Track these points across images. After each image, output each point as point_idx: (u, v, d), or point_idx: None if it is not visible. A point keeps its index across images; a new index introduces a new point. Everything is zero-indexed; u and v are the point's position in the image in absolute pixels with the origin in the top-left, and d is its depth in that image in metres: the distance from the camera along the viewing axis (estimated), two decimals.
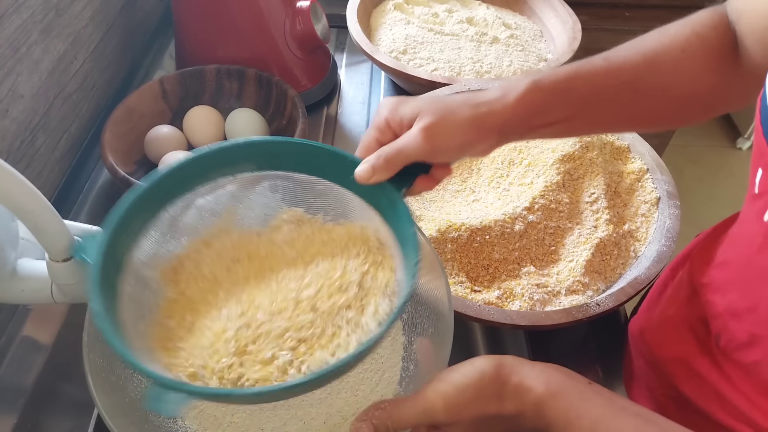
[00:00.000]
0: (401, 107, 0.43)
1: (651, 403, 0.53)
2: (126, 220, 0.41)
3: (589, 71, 0.43)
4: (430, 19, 0.93)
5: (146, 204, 0.42)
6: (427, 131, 0.41)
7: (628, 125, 0.50)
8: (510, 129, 0.43)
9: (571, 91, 0.43)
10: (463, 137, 0.42)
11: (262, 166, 0.45)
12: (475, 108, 0.42)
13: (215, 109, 0.78)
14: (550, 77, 0.43)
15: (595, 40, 1.51)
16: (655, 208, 0.64)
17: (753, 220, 0.38)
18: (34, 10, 0.66)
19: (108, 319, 0.36)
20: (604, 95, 0.43)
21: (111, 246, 0.39)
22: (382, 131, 0.44)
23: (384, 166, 0.42)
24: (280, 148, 0.45)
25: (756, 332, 0.39)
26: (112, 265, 0.40)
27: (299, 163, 0.45)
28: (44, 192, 0.40)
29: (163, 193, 0.43)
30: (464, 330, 0.73)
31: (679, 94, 0.44)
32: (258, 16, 0.80)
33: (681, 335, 0.48)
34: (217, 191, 0.45)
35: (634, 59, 0.43)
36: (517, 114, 0.42)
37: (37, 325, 0.61)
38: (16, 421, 0.54)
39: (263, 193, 0.46)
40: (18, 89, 0.65)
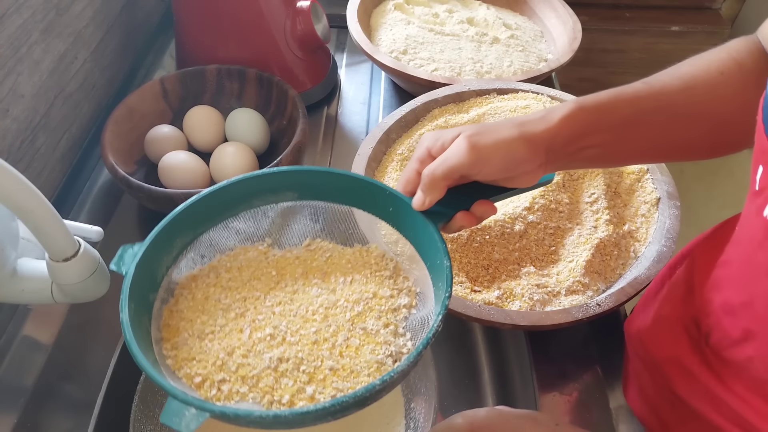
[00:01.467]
0: (443, 134, 0.43)
1: (645, 404, 0.53)
2: (165, 236, 0.42)
3: (631, 94, 0.43)
4: (431, 19, 0.93)
5: (186, 222, 0.43)
6: (471, 139, 0.41)
7: (666, 152, 0.49)
8: (556, 151, 0.42)
9: (613, 113, 0.43)
10: (508, 149, 0.41)
11: (304, 196, 0.45)
12: (519, 126, 0.42)
13: (216, 109, 0.78)
14: (592, 99, 0.43)
15: (595, 41, 1.52)
16: (655, 209, 0.64)
17: (753, 217, 0.38)
18: (35, 10, 0.66)
19: (134, 331, 0.36)
20: (645, 118, 0.43)
21: (148, 259, 0.40)
22: (423, 162, 0.43)
23: (430, 185, 0.41)
24: (322, 179, 0.45)
25: (750, 328, 0.39)
26: (147, 280, 0.41)
27: (340, 194, 0.45)
28: (44, 192, 0.40)
29: (204, 213, 0.44)
30: (464, 330, 0.73)
31: (716, 118, 0.44)
32: (258, 17, 0.80)
33: (675, 334, 0.48)
34: (256, 215, 0.46)
35: (671, 82, 0.43)
36: (562, 133, 0.42)
37: (38, 324, 0.61)
38: (16, 420, 0.54)
39: (302, 221, 0.47)
40: (18, 89, 0.65)
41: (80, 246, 0.44)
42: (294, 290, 0.43)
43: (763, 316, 0.38)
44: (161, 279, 0.42)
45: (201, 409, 0.33)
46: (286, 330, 0.41)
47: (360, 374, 0.38)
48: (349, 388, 0.38)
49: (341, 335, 0.40)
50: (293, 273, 0.44)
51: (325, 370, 0.39)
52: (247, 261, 0.45)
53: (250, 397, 0.38)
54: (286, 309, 0.42)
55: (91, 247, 0.46)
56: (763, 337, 0.38)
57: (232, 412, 0.34)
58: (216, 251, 0.45)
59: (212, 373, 0.39)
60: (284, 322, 0.41)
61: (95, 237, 0.52)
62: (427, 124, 0.73)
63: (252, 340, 0.40)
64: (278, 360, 0.39)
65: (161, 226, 0.42)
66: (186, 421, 0.33)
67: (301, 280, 0.44)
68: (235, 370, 0.39)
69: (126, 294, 0.38)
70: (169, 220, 0.42)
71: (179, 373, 0.39)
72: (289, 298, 0.43)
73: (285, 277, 0.44)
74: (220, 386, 0.38)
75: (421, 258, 0.43)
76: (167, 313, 0.42)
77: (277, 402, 0.37)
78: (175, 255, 0.43)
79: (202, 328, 0.41)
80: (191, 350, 0.40)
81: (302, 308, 0.42)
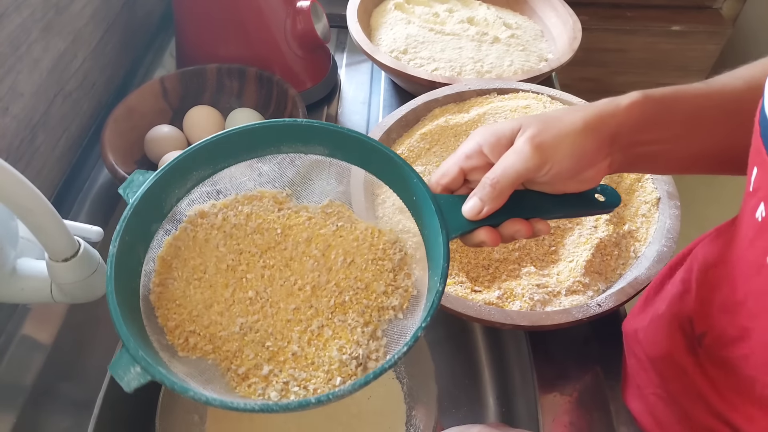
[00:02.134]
0: (497, 128, 0.40)
1: (641, 403, 0.53)
2: (182, 168, 0.40)
3: (692, 92, 0.41)
4: (431, 18, 0.93)
5: (209, 157, 0.41)
6: (534, 140, 0.38)
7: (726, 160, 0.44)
8: (623, 139, 0.40)
9: (676, 108, 0.41)
10: (574, 143, 0.38)
11: (335, 154, 0.43)
12: (584, 111, 0.39)
13: (216, 109, 0.78)
14: (654, 91, 0.41)
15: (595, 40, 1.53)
16: (655, 209, 0.64)
17: (747, 217, 0.38)
18: (35, 9, 0.66)
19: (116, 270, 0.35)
20: (707, 117, 0.41)
21: (158, 189, 0.38)
22: (469, 157, 0.40)
23: (493, 194, 0.38)
24: (358, 145, 0.42)
25: (747, 326, 0.39)
26: (152, 209, 0.39)
27: (371, 164, 0.42)
28: (44, 191, 0.40)
29: (229, 150, 0.41)
30: (464, 330, 0.73)
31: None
32: (259, 16, 0.79)
33: (671, 333, 0.48)
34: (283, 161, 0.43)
35: (733, 83, 0.42)
36: (631, 119, 0.39)
37: (37, 324, 0.61)
38: (16, 420, 0.54)
39: (326, 179, 0.44)
40: (18, 87, 0.64)
41: (80, 246, 0.44)
42: (291, 256, 0.41)
43: (756, 313, 0.38)
44: (168, 210, 0.40)
45: (145, 371, 0.33)
46: (267, 298, 0.40)
47: (319, 368, 0.37)
48: (303, 380, 0.37)
49: (317, 321, 0.39)
50: (297, 236, 0.42)
51: (288, 353, 0.38)
52: (259, 209, 0.43)
53: (211, 357, 0.37)
54: (275, 275, 0.41)
55: (91, 247, 0.46)
56: (757, 334, 0.38)
57: (170, 382, 0.33)
58: (234, 189, 0.43)
59: (185, 322, 0.38)
60: (269, 289, 0.40)
61: (95, 237, 0.52)
62: (427, 123, 0.73)
63: (233, 298, 0.39)
64: (248, 328, 0.38)
65: (180, 158, 0.39)
66: (129, 378, 0.33)
67: (302, 246, 0.42)
68: (207, 326, 0.38)
69: (121, 226, 0.36)
70: (190, 153, 0.40)
71: (158, 311, 0.39)
72: (284, 263, 0.41)
73: (287, 238, 0.42)
74: (188, 337, 0.38)
75: (427, 260, 0.41)
76: (166, 246, 0.40)
77: (233, 371, 0.37)
78: (189, 187, 0.41)
79: (192, 272, 0.40)
80: (175, 292, 0.39)
81: (291, 278, 0.40)
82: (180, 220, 0.41)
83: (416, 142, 0.70)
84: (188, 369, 0.37)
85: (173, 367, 0.36)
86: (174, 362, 0.37)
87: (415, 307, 0.40)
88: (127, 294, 0.37)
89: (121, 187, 0.39)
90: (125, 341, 0.33)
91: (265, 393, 0.37)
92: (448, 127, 0.71)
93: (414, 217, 0.42)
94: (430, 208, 0.39)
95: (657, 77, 1.61)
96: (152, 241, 0.40)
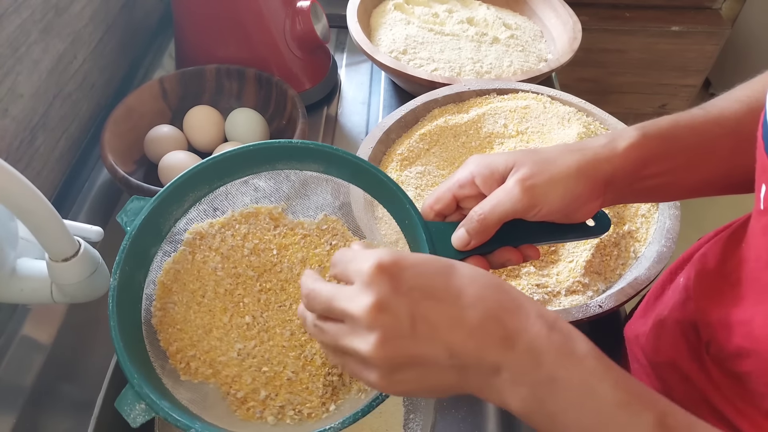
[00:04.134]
0: (491, 160, 0.40)
1: None
2: (178, 192, 0.40)
3: (690, 120, 0.41)
4: (431, 19, 0.93)
5: (204, 178, 0.41)
6: (525, 182, 0.38)
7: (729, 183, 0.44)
8: (618, 182, 0.39)
9: (676, 139, 0.40)
10: (566, 188, 0.38)
11: (330, 172, 0.43)
12: (580, 153, 0.39)
13: (215, 109, 0.78)
14: (652, 125, 0.40)
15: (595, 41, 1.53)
16: (655, 209, 0.64)
17: (759, 236, 0.37)
18: (34, 10, 0.66)
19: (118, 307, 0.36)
20: (709, 144, 0.41)
21: (155, 215, 0.39)
22: (462, 186, 0.41)
23: (478, 229, 0.39)
24: (352, 166, 0.42)
25: (744, 345, 0.39)
26: (151, 234, 0.40)
27: (365, 183, 0.43)
28: (44, 191, 0.40)
29: (225, 170, 0.42)
30: None
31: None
32: (258, 16, 0.80)
33: (674, 339, 0.48)
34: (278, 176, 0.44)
35: (732, 106, 0.41)
36: (628, 163, 0.39)
37: (37, 324, 0.61)
38: (16, 420, 0.54)
39: (322, 194, 0.44)
40: (17, 89, 0.64)
41: (80, 246, 0.44)
42: (286, 278, 0.42)
43: (760, 335, 0.38)
44: (167, 232, 0.41)
45: (151, 407, 0.33)
46: (264, 323, 0.40)
47: (313, 393, 0.38)
48: (298, 404, 0.38)
49: (310, 347, 0.40)
50: (292, 257, 0.43)
51: (283, 378, 0.39)
52: (255, 228, 0.43)
53: (211, 382, 0.38)
54: (271, 299, 0.42)
55: (91, 247, 0.46)
56: (760, 354, 0.38)
57: (173, 420, 0.34)
58: (230, 205, 0.43)
59: (187, 347, 0.39)
60: (265, 314, 0.41)
61: (95, 237, 0.52)
62: (427, 124, 0.73)
63: (231, 323, 0.40)
64: (246, 354, 0.39)
65: (177, 182, 0.40)
66: (135, 414, 0.34)
67: (298, 268, 0.43)
68: (207, 351, 0.39)
69: (121, 257, 0.37)
70: (186, 178, 0.40)
71: (160, 335, 0.39)
72: (279, 287, 0.42)
73: (283, 259, 0.43)
74: (189, 362, 0.39)
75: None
76: (165, 270, 0.41)
77: (233, 395, 0.38)
78: (186, 208, 0.42)
79: (191, 296, 0.41)
80: (176, 316, 0.40)
81: (287, 303, 0.41)
82: (178, 240, 0.42)
83: (416, 143, 0.70)
84: (191, 395, 0.38)
85: (177, 393, 0.37)
86: (178, 388, 0.38)
87: None
88: (130, 324, 0.38)
89: (118, 215, 0.39)
90: (130, 378, 0.34)
91: (263, 416, 0.38)
92: (448, 128, 0.71)
93: (406, 239, 0.43)
94: (422, 236, 0.40)
95: (656, 77, 1.61)
96: (152, 264, 0.40)
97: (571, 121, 0.70)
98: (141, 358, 0.37)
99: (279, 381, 0.39)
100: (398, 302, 0.29)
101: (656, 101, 1.69)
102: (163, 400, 0.34)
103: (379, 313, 0.29)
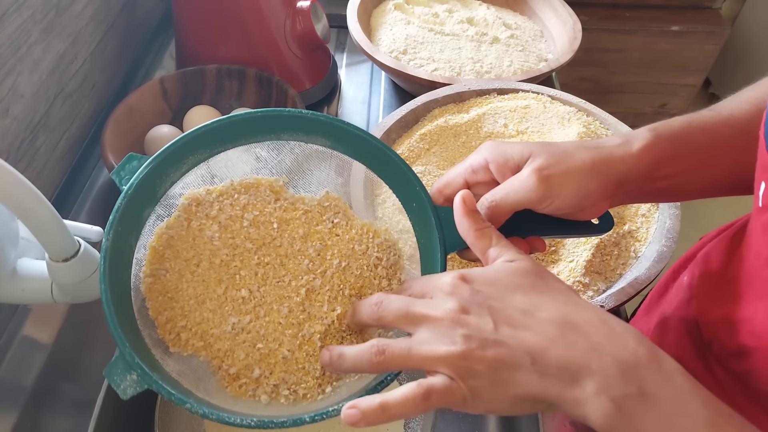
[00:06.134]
0: (507, 148, 0.40)
1: None
2: (177, 153, 0.39)
3: (702, 120, 0.41)
4: (431, 19, 0.93)
5: (205, 142, 0.40)
6: (541, 172, 0.37)
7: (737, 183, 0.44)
8: (631, 183, 0.39)
9: (688, 140, 0.40)
10: (581, 182, 0.38)
11: (337, 147, 0.42)
12: (595, 150, 0.39)
13: (215, 109, 0.78)
14: (665, 126, 0.40)
15: (595, 40, 1.53)
16: (655, 208, 0.64)
17: (759, 234, 0.37)
18: (35, 10, 0.66)
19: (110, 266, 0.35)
20: (720, 145, 0.41)
21: (152, 176, 0.37)
22: (475, 172, 0.40)
23: (489, 216, 0.38)
24: (363, 144, 0.41)
25: (746, 344, 0.39)
26: (146, 195, 0.38)
27: (373, 162, 0.42)
28: (44, 191, 0.40)
29: (227, 136, 0.40)
30: None
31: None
32: (258, 16, 0.80)
33: (678, 338, 0.48)
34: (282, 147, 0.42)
35: (741, 107, 0.41)
36: (642, 164, 0.39)
37: (38, 324, 0.61)
38: (16, 420, 0.54)
39: (326, 170, 0.43)
40: (18, 88, 0.65)
41: (80, 246, 0.44)
42: (286, 254, 0.40)
43: (761, 332, 0.38)
44: (162, 194, 0.39)
45: (143, 379, 0.32)
46: (260, 298, 0.39)
47: (309, 374, 0.37)
48: (293, 383, 0.36)
49: (308, 327, 0.38)
50: (293, 232, 0.41)
51: (279, 355, 0.37)
52: (255, 199, 0.41)
53: (202, 354, 0.37)
54: (270, 273, 0.40)
55: (91, 247, 0.46)
56: (762, 351, 0.38)
57: (167, 393, 0.32)
58: (230, 173, 0.41)
59: (177, 317, 0.37)
60: (262, 288, 0.39)
61: (95, 237, 0.52)
62: (427, 124, 0.73)
63: (225, 296, 0.38)
64: (240, 329, 0.37)
65: (178, 143, 0.38)
66: (125, 386, 0.32)
67: (298, 244, 0.41)
68: (198, 322, 0.37)
69: (115, 216, 0.36)
70: (189, 139, 0.39)
71: (149, 303, 0.38)
72: (279, 262, 0.40)
73: (284, 233, 0.41)
74: (179, 332, 0.37)
75: (421, 266, 0.41)
76: (158, 235, 0.39)
77: (224, 371, 0.37)
78: (185, 171, 0.40)
79: (184, 265, 0.39)
80: (167, 284, 0.38)
81: (286, 278, 0.39)
82: (173, 205, 0.40)
83: (416, 143, 0.70)
84: (180, 367, 0.36)
85: (166, 365, 0.35)
86: (166, 359, 0.36)
87: None
88: (120, 289, 0.36)
89: (113, 171, 0.38)
90: (120, 344, 0.33)
91: (255, 394, 0.36)
92: (448, 128, 0.71)
93: (412, 223, 0.41)
94: (431, 221, 0.39)
95: (656, 77, 1.62)
96: (144, 227, 0.39)
97: (571, 120, 0.70)
98: (131, 327, 0.35)
99: (274, 359, 0.37)
100: (481, 306, 0.30)
101: (656, 101, 1.69)
102: (153, 372, 0.33)
103: (463, 314, 0.29)
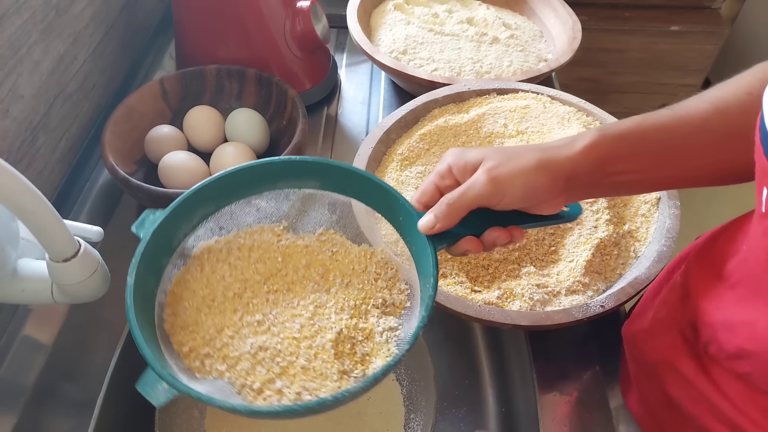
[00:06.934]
0: (466, 154, 0.44)
1: (643, 408, 0.53)
2: (188, 206, 0.43)
3: (656, 119, 0.43)
4: (430, 19, 0.93)
5: (211, 195, 0.44)
6: (491, 172, 0.41)
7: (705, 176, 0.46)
8: (580, 176, 0.42)
9: (639, 138, 0.43)
10: (527, 178, 0.41)
11: (326, 187, 0.46)
12: (541, 152, 0.42)
13: (215, 109, 0.78)
14: (614, 126, 0.43)
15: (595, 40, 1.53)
16: (655, 209, 0.64)
17: (760, 239, 0.37)
18: (35, 11, 0.66)
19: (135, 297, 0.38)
20: (677, 142, 0.43)
21: (167, 226, 0.42)
22: (443, 177, 0.44)
23: (447, 213, 0.42)
24: (344, 176, 0.46)
25: (746, 347, 0.39)
26: (163, 244, 0.42)
27: (359, 192, 0.46)
28: (44, 192, 0.40)
29: (229, 188, 0.45)
30: (464, 330, 0.73)
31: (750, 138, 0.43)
32: (258, 17, 0.80)
33: (670, 338, 0.48)
34: (278, 196, 0.47)
35: (699, 106, 0.43)
36: (586, 159, 0.42)
37: (38, 325, 0.61)
38: (17, 420, 0.54)
39: (320, 210, 0.48)
40: (18, 89, 0.65)
41: (80, 246, 0.44)
42: (292, 280, 0.44)
43: (763, 336, 0.38)
44: (177, 245, 0.44)
45: (171, 386, 0.35)
46: (273, 319, 0.42)
47: (327, 378, 0.40)
48: (314, 389, 0.39)
49: (320, 338, 0.41)
50: (297, 262, 0.45)
51: (297, 366, 0.40)
52: (260, 242, 0.46)
53: (226, 376, 0.39)
54: (279, 298, 0.43)
55: (91, 247, 0.46)
56: (762, 355, 0.38)
57: (196, 395, 0.35)
58: (235, 225, 0.46)
59: (199, 346, 0.40)
60: (274, 311, 0.42)
61: (95, 237, 0.52)
62: (427, 124, 0.73)
63: (241, 322, 0.42)
64: (258, 348, 0.40)
65: (186, 196, 0.43)
66: (157, 394, 0.35)
67: (302, 271, 0.45)
68: (220, 348, 0.40)
69: (137, 258, 0.39)
70: (195, 192, 0.43)
71: (172, 338, 0.41)
72: (286, 288, 0.44)
73: (288, 265, 0.45)
74: (203, 360, 0.40)
75: (417, 272, 0.44)
76: (175, 280, 0.43)
77: (249, 387, 0.39)
78: (195, 224, 0.44)
79: (201, 301, 0.42)
80: (187, 320, 0.42)
81: (294, 301, 0.43)
82: (187, 256, 0.44)
83: (416, 143, 0.70)
84: (207, 388, 0.39)
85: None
86: (194, 384, 0.39)
87: (410, 316, 0.43)
88: (145, 321, 0.39)
89: (133, 225, 0.42)
90: (150, 360, 0.36)
91: (280, 402, 0.39)
92: (448, 128, 0.71)
93: (401, 236, 0.45)
94: (415, 226, 0.43)
95: (655, 77, 1.61)
96: (163, 274, 0.43)
97: (570, 120, 0.71)
98: (158, 354, 0.39)
99: (293, 370, 0.40)
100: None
101: (656, 101, 1.69)
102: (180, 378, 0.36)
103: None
